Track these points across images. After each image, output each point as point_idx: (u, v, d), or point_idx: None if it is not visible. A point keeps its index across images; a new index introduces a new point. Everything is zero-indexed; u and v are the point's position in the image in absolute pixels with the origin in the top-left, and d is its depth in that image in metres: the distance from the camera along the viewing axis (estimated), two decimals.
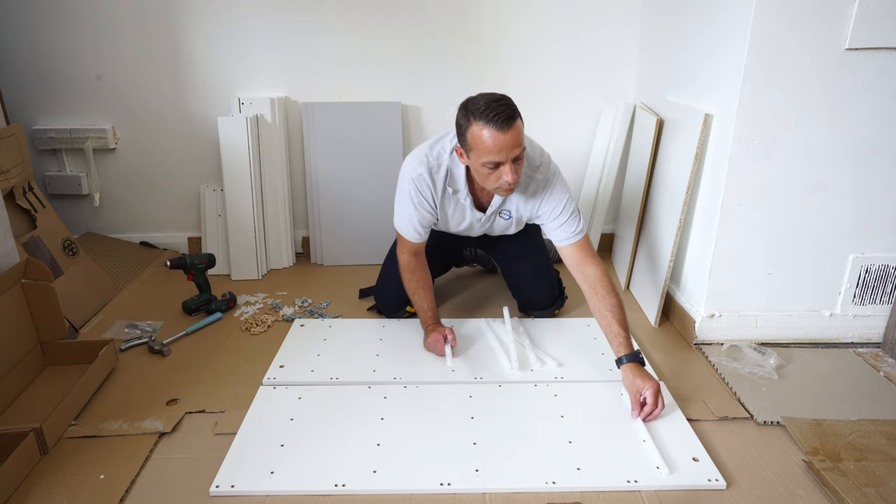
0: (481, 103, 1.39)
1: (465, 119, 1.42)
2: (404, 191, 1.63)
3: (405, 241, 1.71)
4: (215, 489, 1.23)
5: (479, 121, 1.38)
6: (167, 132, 2.38)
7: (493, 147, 1.38)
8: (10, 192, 1.88)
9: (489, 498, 1.22)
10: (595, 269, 1.60)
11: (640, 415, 1.41)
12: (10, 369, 1.52)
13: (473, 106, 1.40)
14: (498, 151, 1.39)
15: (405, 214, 1.66)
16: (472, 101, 1.42)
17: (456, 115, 1.47)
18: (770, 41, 1.50)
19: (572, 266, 1.65)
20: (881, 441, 1.37)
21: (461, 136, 1.46)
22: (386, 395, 1.54)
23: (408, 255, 1.74)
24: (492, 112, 1.36)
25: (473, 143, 1.42)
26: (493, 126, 1.36)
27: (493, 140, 1.38)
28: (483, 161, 1.42)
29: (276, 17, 2.23)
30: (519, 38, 2.29)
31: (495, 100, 1.39)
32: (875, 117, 1.58)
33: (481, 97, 1.41)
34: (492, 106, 1.37)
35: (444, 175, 1.60)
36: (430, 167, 1.60)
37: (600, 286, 1.58)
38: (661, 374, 1.65)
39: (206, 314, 1.99)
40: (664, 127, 2.00)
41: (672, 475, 1.26)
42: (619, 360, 1.50)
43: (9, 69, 2.26)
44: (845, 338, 1.82)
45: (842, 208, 1.68)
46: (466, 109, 1.42)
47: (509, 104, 1.40)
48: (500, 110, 1.36)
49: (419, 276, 1.75)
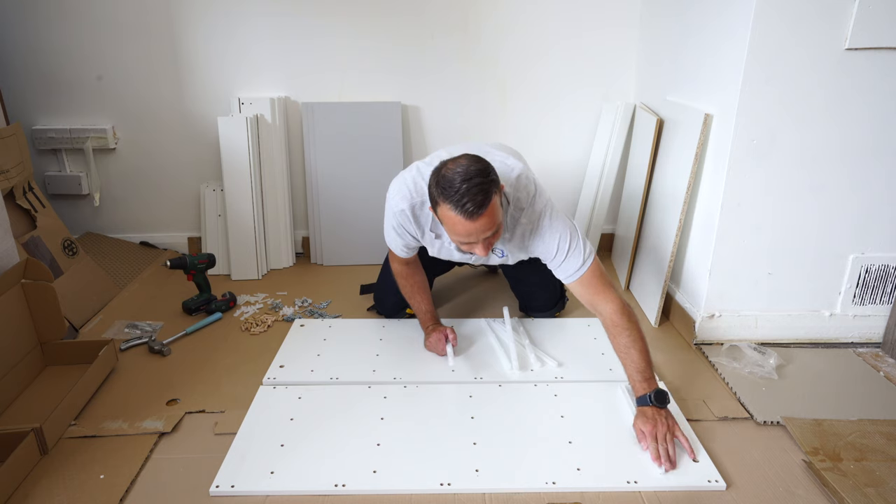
0: (455, 183, 1.27)
1: (436, 193, 1.32)
2: (388, 219, 1.58)
3: (394, 254, 1.70)
4: (215, 489, 1.23)
5: (448, 204, 1.28)
6: (167, 132, 2.38)
7: (462, 232, 1.32)
8: (10, 192, 1.88)
9: (489, 498, 1.22)
10: (606, 307, 1.47)
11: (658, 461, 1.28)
12: (10, 369, 1.52)
13: (446, 183, 1.29)
14: (467, 235, 1.32)
15: (391, 238, 1.63)
16: (446, 174, 1.30)
17: (428, 181, 1.38)
18: (770, 41, 1.50)
19: (584, 302, 1.53)
20: (881, 441, 1.37)
21: (433, 205, 1.37)
22: (386, 394, 1.54)
23: (399, 265, 1.74)
24: (463, 199, 1.26)
25: (444, 221, 1.34)
26: (462, 215, 1.27)
27: (462, 227, 1.30)
28: (453, 238, 1.38)
29: (276, 17, 2.23)
30: (519, 38, 2.29)
31: (468, 179, 1.26)
32: (875, 117, 1.58)
33: (456, 171, 1.28)
34: (464, 189, 1.26)
35: (430, 214, 1.50)
36: (412, 204, 1.50)
37: (611, 325, 1.46)
38: (661, 374, 1.64)
39: (206, 314, 1.99)
40: (664, 127, 2.00)
41: (672, 476, 1.26)
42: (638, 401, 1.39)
43: (9, 69, 2.26)
44: (845, 338, 1.82)
45: (842, 208, 1.68)
46: (438, 183, 1.31)
47: (483, 186, 1.27)
48: (471, 196, 1.26)
49: (413, 281, 1.76)
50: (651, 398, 1.35)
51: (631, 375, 1.41)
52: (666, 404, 1.35)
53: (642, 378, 1.39)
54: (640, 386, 1.38)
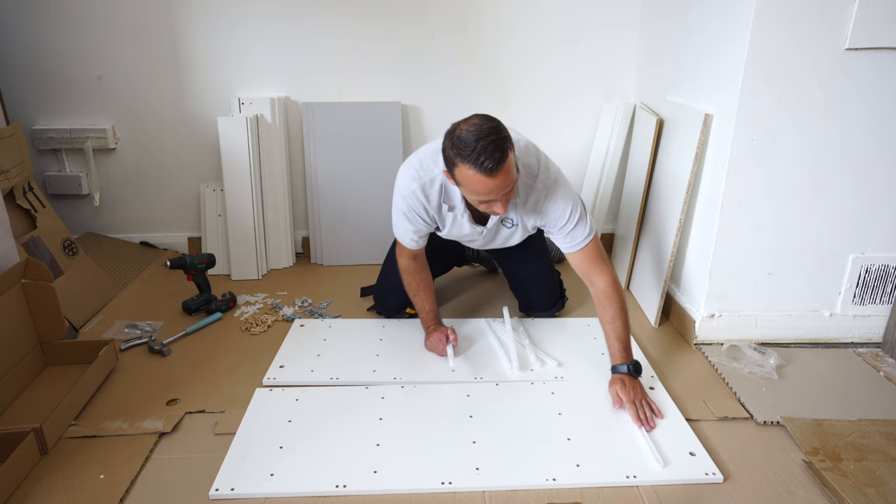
0: (470, 142, 1.29)
1: (452, 154, 1.33)
2: (398, 205, 1.59)
3: (403, 247, 1.70)
4: (215, 492, 1.22)
5: (467, 163, 1.30)
6: (167, 132, 2.38)
7: (482, 190, 1.34)
8: (10, 192, 1.88)
9: (489, 496, 1.22)
10: (601, 279, 1.56)
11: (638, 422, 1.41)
12: (10, 369, 1.52)
13: (461, 143, 1.30)
14: (487, 193, 1.35)
15: (401, 226, 1.63)
16: (460, 135, 1.31)
17: (442, 142, 1.38)
18: (770, 40, 1.50)
19: (580, 272, 1.61)
20: (881, 441, 1.37)
21: (449, 167, 1.38)
22: (386, 395, 1.54)
23: (407, 259, 1.73)
24: (481, 157, 1.28)
25: (462, 181, 1.36)
26: (481, 172, 1.29)
27: (482, 184, 1.32)
28: (472, 198, 1.40)
29: (276, 17, 2.23)
30: (519, 38, 2.29)
31: (483, 137, 1.29)
32: (875, 117, 1.58)
33: (469, 131, 1.30)
34: (480, 147, 1.28)
35: (439, 190, 1.54)
36: (422, 183, 1.54)
37: (603, 296, 1.56)
38: (661, 374, 1.64)
39: (206, 314, 1.99)
40: (664, 127, 2.00)
41: (670, 470, 1.27)
42: (612, 369, 1.54)
43: (9, 69, 2.26)
44: (845, 338, 1.82)
45: (842, 208, 1.68)
46: (454, 144, 1.32)
47: (499, 142, 1.30)
48: (489, 153, 1.28)
49: (419, 279, 1.74)
50: (630, 368, 1.50)
51: (612, 344, 1.54)
52: (640, 374, 1.52)
53: (622, 347, 1.53)
54: (620, 355, 1.52)
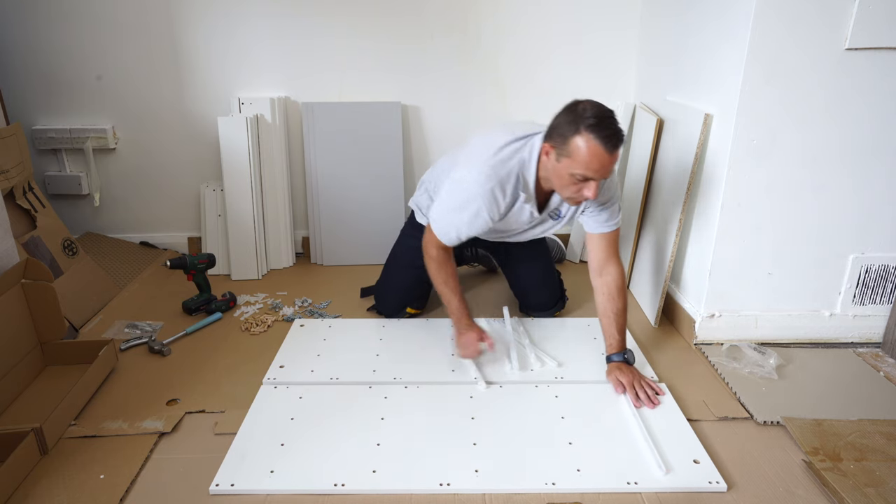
0: (592, 113, 1.32)
1: (572, 124, 1.34)
2: (462, 205, 1.53)
3: (437, 240, 1.63)
4: (215, 488, 1.23)
5: (590, 133, 1.31)
6: (167, 132, 2.38)
7: (594, 164, 1.34)
8: (10, 192, 1.88)
9: (489, 498, 1.22)
10: (615, 269, 1.63)
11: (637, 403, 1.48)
12: (10, 369, 1.52)
13: (585, 114, 1.33)
14: (596, 170, 1.35)
15: (453, 224, 1.57)
16: (582, 107, 1.35)
17: (558, 114, 1.40)
18: (770, 41, 1.50)
19: (596, 259, 1.64)
20: (881, 441, 1.37)
21: (560, 139, 1.37)
22: (386, 395, 1.54)
23: (439, 250, 1.65)
24: (605, 130, 1.31)
25: (574, 152, 1.35)
26: (602, 144, 1.31)
27: (597, 158, 1.33)
28: (574, 171, 1.37)
29: (276, 17, 2.23)
30: (519, 38, 2.29)
31: (608, 116, 1.33)
32: (875, 117, 1.58)
33: (591, 105, 1.35)
34: (605, 122, 1.32)
35: (515, 183, 1.51)
36: (500, 179, 1.50)
37: (615, 288, 1.62)
38: (661, 374, 1.64)
39: (206, 314, 1.99)
40: (664, 127, 2.00)
41: (672, 477, 1.26)
42: (608, 359, 1.61)
43: (9, 69, 2.26)
44: (845, 338, 1.82)
45: (842, 208, 1.68)
46: (576, 115, 1.34)
47: (618, 124, 1.34)
48: (613, 130, 1.32)
49: (449, 269, 1.67)
50: (626, 357, 1.59)
51: (612, 335, 1.61)
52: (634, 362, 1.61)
53: (621, 338, 1.61)
54: (619, 344, 1.60)
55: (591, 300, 2.09)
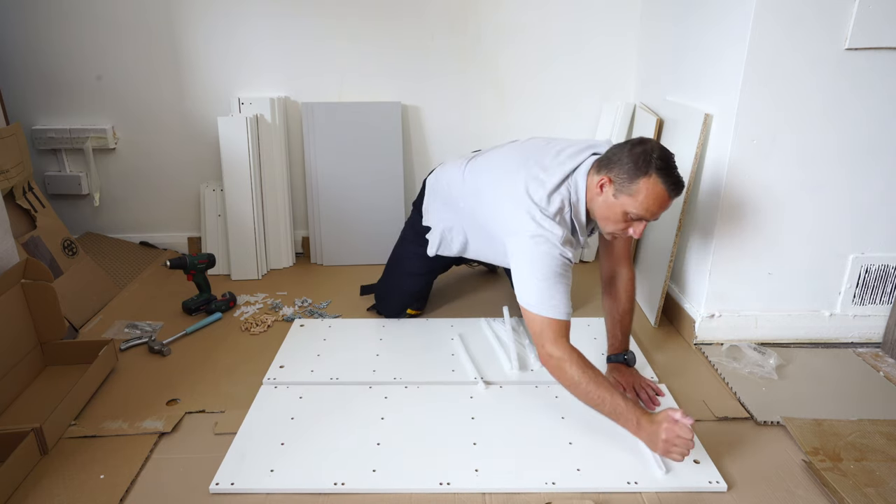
0: (660, 155, 1.33)
1: (641, 166, 1.32)
2: (547, 269, 1.37)
3: (561, 324, 1.37)
4: (215, 487, 1.23)
5: (660, 178, 1.32)
6: (167, 132, 2.38)
7: (655, 207, 1.34)
8: (10, 192, 1.88)
9: (489, 498, 1.22)
10: (628, 272, 1.64)
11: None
12: (10, 369, 1.52)
13: (662, 158, 1.33)
14: (653, 213, 1.36)
15: (556, 291, 1.37)
16: (651, 147, 1.34)
17: (620, 149, 1.37)
18: (770, 41, 1.50)
19: (611, 260, 1.64)
20: (881, 441, 1.37)
21: (624, 176, 1.34)
22: (386, 395, 1.54)
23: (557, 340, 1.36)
24: (673, 176, 1.33)
25: (637, 193, 1.33)
26: (669, 189, 1.33)
27: (660, 202, 1.34)
28: (631, 211, 1.36)
29: (276, 18, 2.23)
30: (519, 38, 2.29)
31: (673, 161, 1.35)
32: (875, 117, 1.58)
33: (658, 147, 1.34)
34: (672, 168, 1.34)
35: (570, 219, 1.46)
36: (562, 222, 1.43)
37: (629, 288, 1.63)
38: (661, 375, 1.64)
39: (206, 314, 1.99)
40: (664, 127, 2.00)
41: (672, 477, 1.26)
42: (608, 359, 1.62)
43: (9, 69, 2.26)
44: (845, 338, 1.81)
45: (842, 208, 1.68)
46: (645, 155, 1.32)
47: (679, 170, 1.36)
48: (678, 177, 1.34)
49: (596, 371, 1.36)
50: (626, 357, 1.59)
51: (615, 335, 1.61)
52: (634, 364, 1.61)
53: (624, 340, 1.61)
54: (621, 345, 1.60)
55: (592, 300, 2.10)
